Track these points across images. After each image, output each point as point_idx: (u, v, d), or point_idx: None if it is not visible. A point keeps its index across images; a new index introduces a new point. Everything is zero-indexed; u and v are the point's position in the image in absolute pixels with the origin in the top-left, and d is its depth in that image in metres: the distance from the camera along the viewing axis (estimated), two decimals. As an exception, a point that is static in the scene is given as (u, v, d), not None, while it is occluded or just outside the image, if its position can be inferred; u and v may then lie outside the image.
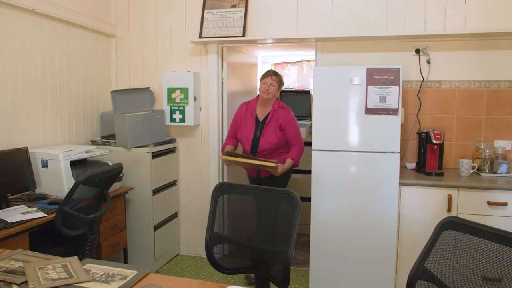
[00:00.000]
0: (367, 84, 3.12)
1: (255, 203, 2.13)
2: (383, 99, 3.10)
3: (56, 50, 3.55)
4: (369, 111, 3.14)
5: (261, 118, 3.54)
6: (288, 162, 3.42)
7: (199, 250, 4.26)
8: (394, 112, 3.09)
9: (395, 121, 3.11)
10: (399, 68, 3.07)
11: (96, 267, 1.70)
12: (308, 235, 3.39)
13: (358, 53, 3.70)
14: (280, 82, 3.54)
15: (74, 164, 3.15)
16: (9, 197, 2.82)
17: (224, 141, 3.80)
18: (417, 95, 3.57)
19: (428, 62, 3.53)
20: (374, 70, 3.11)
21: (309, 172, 3.40)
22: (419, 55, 3.55)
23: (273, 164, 3.19)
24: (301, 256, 4.17)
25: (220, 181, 4.16)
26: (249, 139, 3.52)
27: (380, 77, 3.10)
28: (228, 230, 2.39)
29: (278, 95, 3.62)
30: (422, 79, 3.55)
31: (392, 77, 3.08)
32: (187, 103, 4.00)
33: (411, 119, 3.61)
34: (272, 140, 3.45)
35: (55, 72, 3.54)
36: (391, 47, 3.62)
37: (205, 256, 4.03)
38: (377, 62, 3.59)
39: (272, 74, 3.49)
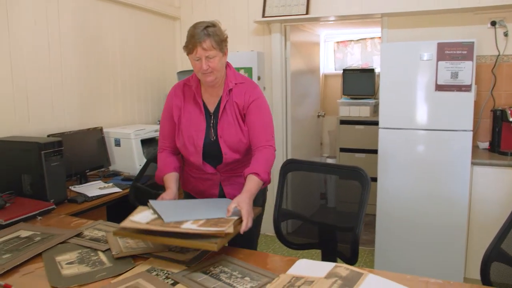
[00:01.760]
0: (438, 60, 2.99)
1: (323, 180, 2.12)
2: (454, 75, 2.96)
3: (126, 34, 3.69)
4: (439, 87, 3.02)
5: (212, 108, 2.03)
6: (252, 185, 1.78)
7: (263, 227, 4.32)
8: (466, 88, 2.95)
9: (468, 98, 2.97)
10: (473, 42, 2.92)
11: (171, 239, 1.78)
12: (373, 215, 3.35)
13: (427, 28, 3.54)
14: (221, 41, 1.97)
15: (144, 142, 3.29)
16: (87, 173, 3.02)
17: (160, 159, 2.09)
18: (492, 70, 3.37)
19: (506, 35, 3.31)
20: (446, 45, 2.97)
21: (373, 151, 3.33)
22: (495, 27, 3.34)
23: (222, 233, 1.48)
24: (366, 236, 4.12)
25: (286, 158, 4.17)
26: (198, 146, 1.98)
27: (452, 52, 2.96)
28: (295, 207, 2.40)
29: (226, 60, 2.07)
30: (498, 54, 3.34)
31: (465, 52, 2.93)
32: (251, 82, 4.02)
33: (484, 96, 3.42)
34: (234, 139, 1.98)
35: (125, 55, 3.69)
36: (463, 20, 3.42)
37: (269, 234, 4.15)
38: (448, 37, 3.41)
39: (202, 38, 1.89)
